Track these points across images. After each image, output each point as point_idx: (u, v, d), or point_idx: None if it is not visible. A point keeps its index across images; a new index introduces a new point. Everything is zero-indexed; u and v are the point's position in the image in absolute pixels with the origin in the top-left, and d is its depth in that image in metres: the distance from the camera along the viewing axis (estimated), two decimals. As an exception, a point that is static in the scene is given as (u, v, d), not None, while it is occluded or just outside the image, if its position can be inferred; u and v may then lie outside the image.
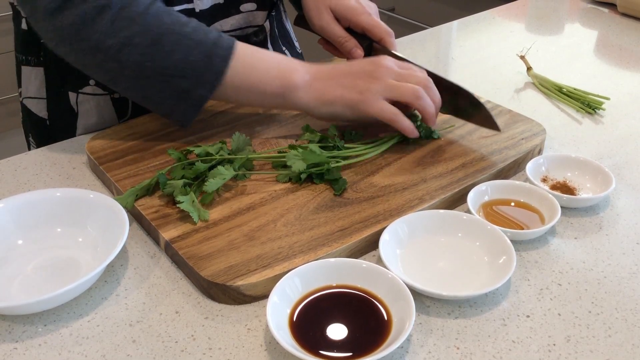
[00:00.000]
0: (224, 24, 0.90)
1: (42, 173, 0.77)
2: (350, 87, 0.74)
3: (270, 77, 0.74)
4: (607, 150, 0.82)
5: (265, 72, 0.74)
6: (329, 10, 0.85)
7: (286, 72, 0.74)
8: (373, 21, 0.83)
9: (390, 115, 0.74)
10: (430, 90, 0.76)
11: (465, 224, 0.64)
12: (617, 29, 1.23)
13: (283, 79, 0.74)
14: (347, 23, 0.85)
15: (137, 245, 0.65)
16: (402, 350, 0.53)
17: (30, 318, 0.57)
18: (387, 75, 0.74)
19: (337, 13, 0.85)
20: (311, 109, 0.76)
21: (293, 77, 0.74)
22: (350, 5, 0.84)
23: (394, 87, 0.74)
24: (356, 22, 0.84)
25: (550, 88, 0.97)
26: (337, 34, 0.85)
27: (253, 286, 0.57)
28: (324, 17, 0.85)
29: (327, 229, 0.64)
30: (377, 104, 0.73)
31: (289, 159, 0.70)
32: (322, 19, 0.85)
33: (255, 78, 0.74)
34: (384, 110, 0.73)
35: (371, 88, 0.73)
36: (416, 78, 0.75)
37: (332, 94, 0.74)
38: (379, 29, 0.83)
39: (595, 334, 0.55)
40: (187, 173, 0.69)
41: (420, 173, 0.73)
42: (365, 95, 0.73)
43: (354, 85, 0.74)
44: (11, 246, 0.63)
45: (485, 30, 1.22)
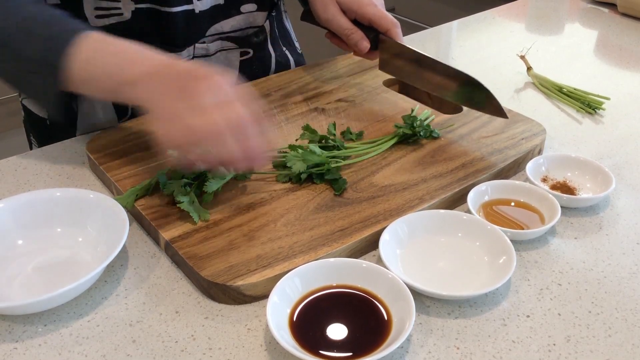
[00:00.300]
0: (225, 25, 0.90)
1: (42, 173, 0.77)
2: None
3: (106, 72, 0.67)
4: (607, 150, 0.82)
5: (102, 66, 0.67)
6: (335, 3, 0.84)
7: (125, 65, 0.67)
8: (379, 12, 0.83)
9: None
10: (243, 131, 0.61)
11: (465, 224, 0.64)
12: (617, 29, 1.23)
13: (118, 74, 0.67)
14: (353, 15, 0.84)
15: (137, 245, 0.65)
16: (402, 350, 0.53)
17: (30, 318, 0.57)
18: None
19: (343, 5, 0.84)
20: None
21: (131, 72, 0.66)
22: None
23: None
24: (362, 13, 0.83)
25: (550, 88, 0.97)
26: (343, 26, 0.84)
27: (253, 286, 0.57)
28: (330, 10, 0.84)
29: (327, 229, 0.64)
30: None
31: (289, 160, 0.70)
32: (327, 12, 0.85)
33: (91, 72, 0.68)
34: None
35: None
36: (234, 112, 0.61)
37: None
38: (385, 20, 0.82)
39: (595, 334, 0.55)
40: (187, 173, 0.69)
41: (421, 173, 0.73)
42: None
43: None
44: (11, 246, 0.63)
45: (486, 30, 1.22)
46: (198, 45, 0.89)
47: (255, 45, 0.96)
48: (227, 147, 0.60)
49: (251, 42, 0.95)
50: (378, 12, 0.83)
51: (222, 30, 0.90)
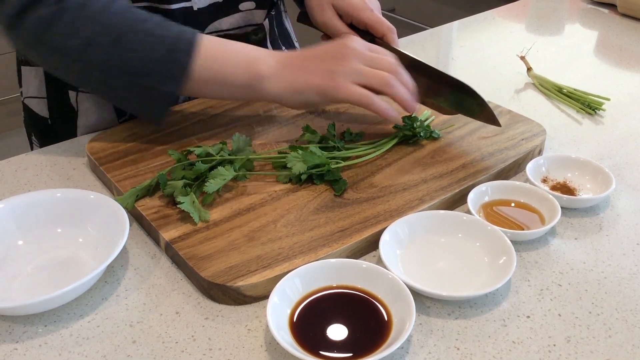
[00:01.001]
0: (223, 22, 0.90)
1: (42, 173, 0.77)
2: (317, 72, 0.72)
3: (236, 68, 0.73)
4: (607, 151, 0.82)
5: (232, 64, 0.73)
6: (331, 7, 0.85)
7: (253, 63, 0.73)
8: (375, 17, 0.83)
9: (361, 98, 0.71)
10: (401, 76, 0.73)
11: (465, 225, 0.64)
12: (617, 29, 1.23)
13: (250, 70, 0.73)
14: (350, 19, 0.85)
15: (138, 246, 0.65)
16: (402, 350, 0.53)
17: (30, 318, 0.57)
18: (353, 57, 0.72)
19: (340, 9, 0.84)
20: (282, 99, 0.74)
21: (260, 67, 0.73)
22: (352, 1, 0.83)
23: (362, 72, 0.71)
24: (358, 18, 0.83)
25: (550, 88, 0.97)
26: (340, 30, 0.85)
27: (253, 287, 0.57)
28: (327, 14, 0.85)
29: (327, 230, 0.64)
30: (347, 88, 0.71)
31: (289, 161, 0.70)
32: (324, 16, 0.85)
33: (222, 70, 0.72)
34: (354, 93, 0.71)
35: (338, 71, 0.71)
36: (385, 62, 0.73)
37: (300, 82, 0.72)
38: (381, 25, 0.83)
39: (595, 334, 0.55)
40: (187, 174, 0.69)
41: (421, 173, 0.73)
42: (334, 80, 0.71)
43: (320, 69, 0.72)
44: (11, 246, 0.63)
45: (486, 30, 1.22)
46: None
47: (253, 43, 0.96)
48: (398, 90, 0.72)
49: (250, 40, 0.95)
50: (374, 17, 0.83)
51: (221, 28, 0.90)
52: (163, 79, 0.71)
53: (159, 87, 0.71)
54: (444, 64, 1.08)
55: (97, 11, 0.69)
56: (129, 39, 0.69)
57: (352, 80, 0.71)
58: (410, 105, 0.73)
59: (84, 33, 0.69)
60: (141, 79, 0.71)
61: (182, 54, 0.71)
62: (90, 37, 0.69)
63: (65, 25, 0.68)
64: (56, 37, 0.69)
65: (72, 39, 0.69)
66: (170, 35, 0.71)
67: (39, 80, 0.89)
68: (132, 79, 0.71)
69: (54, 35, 0.69)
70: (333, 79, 0.71)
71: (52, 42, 0.69)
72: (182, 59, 0.71)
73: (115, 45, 0.69)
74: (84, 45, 0.69)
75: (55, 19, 0.68)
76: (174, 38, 0.71)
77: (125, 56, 0.70)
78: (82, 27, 0.69)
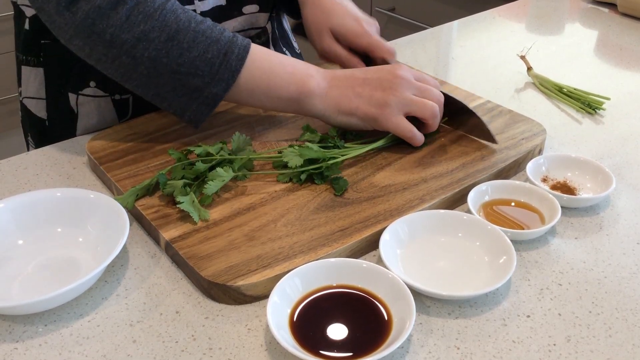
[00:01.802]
0: (226, 26, 0.90)
1: (42, 173, 0.77)
2: (368, 99, 0.73)
3: (285, 81, 0.74)
4: (608, 150, 0.82)
5: (281, 76, 0.74)
6: (330, 33, 0.85)
7: (302, 78, 0.74)
8: (374, 42, 0.83)
9: (407, 133, 0.74)
10: (442, 106, 0.77)
11: (465, 224, 0.64)
12: (617, 28, 1.23)
13: (299, 84, 0.74)
14: (348, 45, 0.85)
15: (138, 246, 0.65)
16: (403, 350, 0.53)
17: (30, 318, 0.57)
18: (405, 87, 0.74)
19: (338, 35, 0.85)
20: (327, 117, 0.76)
21: (309, 83, 0.74)
22: (350, 27, 0.83)
23: (414, 102, 0.74)
24: (357, 44, 0.84)
25: (550, 88, 0.97)
26: (340, 55, 0.85)
27: (253, 286, 0.57)
28: (325, 40, 0.85)
29: (327, 229, 0.64)
30: (395, 120, 0.73)
31: (285, 156, 0.70)
32: (323, 42, 0.85)
33: (271, 81, 0.73)
34: (400, 126, 0.74)
35: (389, 102, 0.73)
36: (432, 93, 0.76)
37: (350, 105, 0.74)
38: (380, 49, 0.83)
39: (595, 334, 0.55)
40: (187, 173, 0.69)
41: (421, 173, 0.73)
42: (384, 110, 0.73)
43: (371, 96, 0.73)
44: (11, 246, 0.63)
45: (486, 30, 1.22)
46: None
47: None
48: (438, 122, 0.76)
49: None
50: (373, 42, 0.83)
51: None
52: (213, 80, 0.71)
53: (207, 88, 0.72)
54: (444, 64, 1.08)
55: (155, 7, 0.69)
56: (184, 37, 0.70)
57: (401, 111, 0.74)
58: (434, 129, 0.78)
59: (138, 27, 0.69)
60: (190, 79, 0.71)
61: (235, 58, 0.71)
62: (145, 32, 0.69)
63: (121, 18, 0.68)
64: (110, 28, 0.69)
65: (126, 33, 0.69)
66: (225, 38, 0.71)
67: (39, 82, 0.89)
68: (181, 78, 0.71)
69: (108, 27, 0.69)
70: (383, 109, 0.73)
71: (104, 33, 0.69)
72: (235, 63, 0.71)
73: (169, 43, 0.69)
74: (137, 40, 0.69)
75: (112, 11, 0.68)
76: (229, 42, 0.71)
77: (177, 54, 0.70)
78: (138, 21, 0.69)
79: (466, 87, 0.95)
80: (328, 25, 0.84)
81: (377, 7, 2.25)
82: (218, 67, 0.71)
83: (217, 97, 0.73)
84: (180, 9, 0.71)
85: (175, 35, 0.70)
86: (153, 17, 0.69)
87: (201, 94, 0.72)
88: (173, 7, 0.71)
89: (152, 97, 0.74)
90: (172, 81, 0.71)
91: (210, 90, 0.72)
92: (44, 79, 0.89)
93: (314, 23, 0.86)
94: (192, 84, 0.71)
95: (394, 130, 0.74)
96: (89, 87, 0.87)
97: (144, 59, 0.70)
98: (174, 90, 0.72)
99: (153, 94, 0.74)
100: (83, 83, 0.87)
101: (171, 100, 0.73)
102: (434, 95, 0.76)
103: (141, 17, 0.69)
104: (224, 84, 0.72)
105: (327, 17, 0.84)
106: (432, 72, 1.02)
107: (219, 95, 0.73)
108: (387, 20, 2.24)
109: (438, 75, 1.01)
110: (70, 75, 0.85)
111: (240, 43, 0.72)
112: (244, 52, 0.72)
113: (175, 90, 0.72)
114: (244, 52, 0.72)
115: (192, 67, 0.70)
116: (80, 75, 0.77)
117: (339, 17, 0.84)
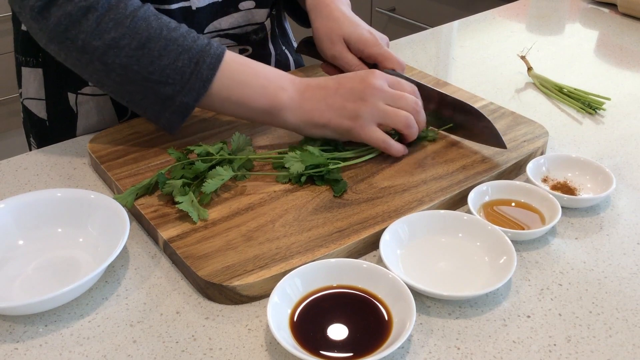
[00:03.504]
0: (223, 22, 0.90)
1: (42, 173, 0.77)
2: (340, 110, 0.72)
3: (257, 93, 0.73)
4: (608, 151, 0.82)
5: (254, 88, 0.72)
6: (342, 40, 0.84)
7: (274, 91, 0.73)
8: (385, 53, 0.83)
9: (380, 143, 0.73)
10: (419, 114, 0.75)
11: (465, 224, 0.64)
12: (617, 29, 1.23)
13: (271, 97, 0.72)
14: (359, 54, 0.84)
15: (138, 246, 0.65)
16: (403, 350, 0.53)
17: (31, 318, 0.57)
18: (377, 97, 0.72)
19: (350, 43, 0.84)
20: (300, 130, 0.75)
21: (281, 97, 0.73)
22: (363, 36, 0.83)
23: (385, 113, 0.73)
24: (368, 53, 0.83)
25: (550, 88, 0.97)
26: (351, 62, 0.84)
27: (249, 286, 0.57)
28: (337, 47, 0.85)
29: (325, 230, 0.64)
30: (368, 131, 0.72)
31: (287, 161, 0.70)
32: (334, 49, 0.85)
33: (243, 92, 0.72)
34: (373, 138, 0.73)
35: (361, 114, 0.72)
36: (406, 101, 0.74)
37: (322, 118, 0.73)
38: (390, 61, 0.83)
39: (595, 334, 0.55)
40: (186, 173, 0.69)
41: (421, 175, 0.73)
42: (356, 122, 0.72)
43: (343, 107, 0.72)
44: (12, 246, 0.63)
45: (486, 30, 1.22)
46: None
47: (254, 42, 0.96)
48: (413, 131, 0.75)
49: (250, 40, 0.95)
50: (384, 53, 0.83)
51: (221, 28, 0.90)
52: (184, 89, 0.71)
53: (178, 97, 0.71)
54: (445, 64, 1.08)
55: (126, 14, 0.69)
56: (155, 45, 0.69)
57: (373, 122, 0.73)
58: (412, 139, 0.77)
59: (109, 34, 0.69)
60: (162, 87, 0.70)
61: (206, 68, 0.70)
62: (115, 39, 0.69)
63: (91, 25, 0.68)
64: (81, 35, 0.69)
65: (97, 39, 0.69)
66: (197, 47, 0.71)
67: (38, 82, 0.89)
68: (152, 86, 0.70)
69: (79, 34, 0.69)
70: (355, 120, 0.72)
71: (76, 39, 0.69)
72: (206, 72, 0.70)
73: (140, 50, 0.69)
74: (107, 47, 0.69)
75: (83, 17, 0.68)
76: (201, 50, 0.71)
77: (148, 62, 0.69)
78: (108, 28, 0.69)
79: (466, 87, 0.95)
80: (341, 32, 0.84)
81: (377, 7, 2.25)
82: (189, 76, 0.70)
83: (189, 107, 0.72)
84: (153, 16, 0.71)
85: (146, 42, 0.69)
86: (124, 24, 0.69)
87: (173, 103, 0.71)
88: (145, 15, 0.70)
89: (127, 103, 0.74)
90: (144, 89, 0.71)
91: (181, 99, 0.71)
92: (43, 80, 0.89)
93: (326, 31, 0.85)
94: (163, 92, 0.71)
95: (368, 142, 0.73)
96: (87, 86, 0.87)
97: (116, 65, 0.70)
98: (146, 98, 0.72)
99: (127, 100, 0.74)
100: (82, 82, 0.87)
101: (145, 107, 0.73)
102: (408, 103, 0.74)
103: (112, 24, 0.69)
104: (195, 93, 0.71)
105: (341, 26, 0.84)
106: (433, 73, 1.02)
107: (190, 104, 0.72)
108: (387, 21, 2.24)
109: (438, 76, 1.01)
110: (68, 75, 0.85)
111: (213, 52, 0.71)
112: (217, 61, 0.71)
113: (147, 97, 0.72)
114: (216, 62, 0.71)
115: (162, 76, 0.70)
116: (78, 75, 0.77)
117: (353, 27, 0.84)
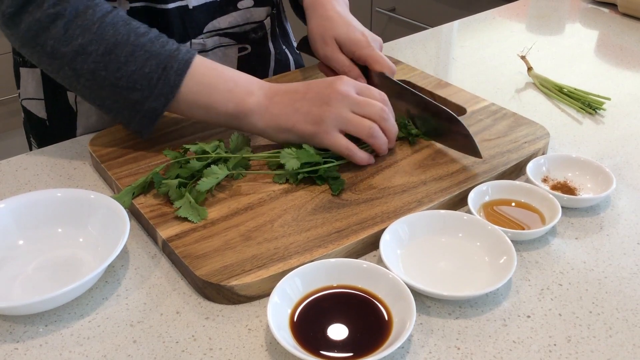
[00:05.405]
0: (222, 21, 0.90)
1: (42, 173, 0.77)
2: (305, 115, 0.71)
3: (225, 98, 0.72)
4: (608, 151, 0.82)
5: (221, 92, 0.72)
6: (334, 40, 0.84)
7: (242, 95, 0.72)
8: (376, 56, 0.83)
9: (344, 150, 0.72)
10: (387, 122, 0.73)
11: (465, 224, 0.64)
12: (617, 29, 1.23)
13: (238, 102, 0.72)
14: (351, 55, 0.84)
15: (138, 246, 0.65)
16: (403, 350, 0.53)
17: (31, 318, 0.57)
18: (341, 102, 0.71)
19: (342, 44, 0.84)
20: (268, 134, 0.74)
21: (248, 102, 0.72)
22: (355, 37, 0.83)
23: (348, 121, 0.71)
24: (359, 55, 0.83)
25: (550, 88, 0.97)
26: (342, 63, 0.84)
27: (247, 286, 0.57)
28: (329, 47, 0.85)
29: (324, 230, 0.63)
30: (331, 137, 0.71)
31: (282, 157, 0.70)
32: (326, 49, 0.85)
33: (211, 97, 0.72)
34: (336, 144, 0.71)
35: (325, 119, 0.71)
36: (372, 109, 0.72)
37: (287, 122, 0.72)
38: (381, 64, 0.82)
39: (596, 334, 0.55)
40: (182, 172, 0.69)
41: (421, 175, 0.72)
42: (320, 127, 0.71)
43: (309, 112, 0.71)
44: (12, 246, 0.63)
45: (486, 30, 1.22)
46: (194, 41, 0.89)
47: (253, 41, 0.96)
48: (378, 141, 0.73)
49: (249, 39, 0.95)
50: (375, 56, 0.83)
51: (219, 27, 0.90)
52: (151, 95, 0.71)
53: (146, 102, 0.71)
54: (445, 64, 1.08)
55: (93, 20, 0.69)
56: (122, 51, 0.70)
57: (337, 128, 0.71)
58: (384, 152, 0.75)
59: (76, 41, 0.69)
60: (130, 93, 0.71)
61: (173, 73, 0.70)
62: (83, 46, 0.69)
63: (59, 31, 0.69)
64: (50, 41, 0.70)
65: (65, 46, 0.69)
66: (165, 52, 0.71)
67: (37, 82, 0.89)
68: (120, 91, 0.71)
69: (48, 39, 0.70)
70: (319, 126, 0.71)
71: (45, 45, 0.70)
72: (174, 78, 0.70)
73: (107, 56, 0.69)
74: (75, 53, 0.69)
75: (51, 24, 0.69)
76: (168, 56, 0.71)
77: (115, 68, 0.70)
78: (76, 34, 0.69)
79: (466, 87, 0.95)
80: (333, 33, 0.84)
81: (377, 7, 2.25)
82: (156, 81, 0.70)
83: (157, 112, 0.72)
84: (122, 21, 0.71)
85: (113, 48, 0.69)
86: (91, 31, 0.69)
87: (142, 108, 0.72)
88: (113, 21, 0.70)
89: (98, 107, 0.74)
90: (113, 94, 0.71)
91: (150, 104, 0.71)
92: (41, 79, 0.89)
93: (319, 31, 0.85)
94: (131, 97, 0.71)
95: (332, 148, 0.72)
96: None
97: (84, 71, 0.70)
98: (116, 103, 0.72)
99: (99, 105, 0.74)
100: None
101: (116, 112, 0.73)
102: (375, 111, 0.72)
103: (79, 30, 0.69)
104: (163, 98, 0.71)
105: (333, 26, 0.84)
106: (433, 73, 1.02)
107: (159, 109, 0.72)
108: (387, 20, 2.24)
109: (438, 76, 1.01)
110: None
111: (181, 57, 0.71)
112: (185, 66, 0.71)
113: (117, 102, 0.72)
114: (184, 67, 0.71)
115: (130, 81, 0.70)
116: None
117: (345, 27, 0.84)
